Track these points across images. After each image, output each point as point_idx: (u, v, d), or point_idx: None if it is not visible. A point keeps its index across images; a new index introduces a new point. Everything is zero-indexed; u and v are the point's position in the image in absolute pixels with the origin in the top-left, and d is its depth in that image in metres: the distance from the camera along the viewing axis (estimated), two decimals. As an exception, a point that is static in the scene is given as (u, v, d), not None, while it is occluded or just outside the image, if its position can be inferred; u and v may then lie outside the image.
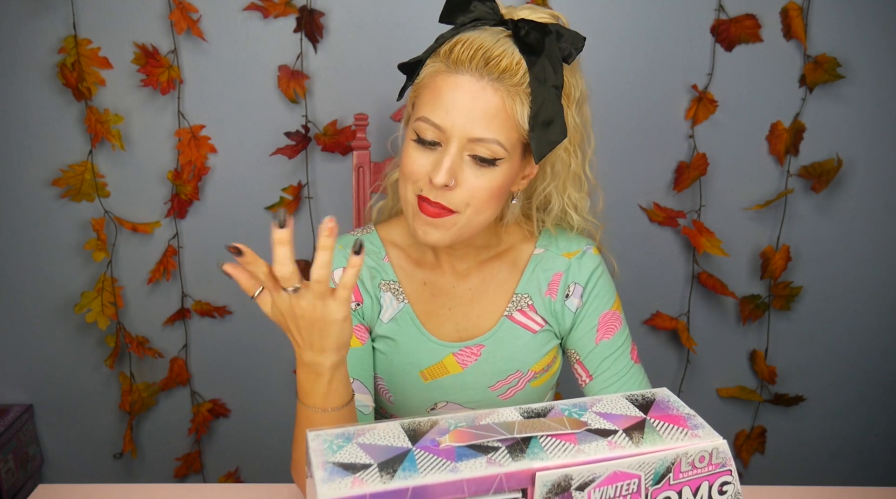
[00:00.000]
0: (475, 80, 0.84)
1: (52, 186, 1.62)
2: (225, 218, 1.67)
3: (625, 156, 1.67)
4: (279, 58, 1.58)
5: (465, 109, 0.84)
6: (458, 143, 0.85)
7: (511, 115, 0.85)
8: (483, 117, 0.84)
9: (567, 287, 1.01)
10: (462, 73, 0.85)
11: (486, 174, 0.87)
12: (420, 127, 0.87)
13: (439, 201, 0.87)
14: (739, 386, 1.83)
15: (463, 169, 0.87)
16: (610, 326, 1.00)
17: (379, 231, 1.04)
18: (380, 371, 1.01)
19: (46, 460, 1.83)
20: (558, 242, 1.03)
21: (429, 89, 0.87)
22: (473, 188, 0.87)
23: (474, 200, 0.88)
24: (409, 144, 0.89)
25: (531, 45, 0.84)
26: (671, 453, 0.56)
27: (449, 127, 0.85)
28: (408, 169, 0.89)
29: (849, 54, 1.61)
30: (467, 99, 0.84)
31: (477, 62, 0.84)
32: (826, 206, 1.72)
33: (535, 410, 0.61)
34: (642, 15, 1.59)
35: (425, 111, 0.87)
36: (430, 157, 0.87)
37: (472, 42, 0.85)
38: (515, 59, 0.84)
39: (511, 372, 1.01)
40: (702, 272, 1.73)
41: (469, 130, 0.85)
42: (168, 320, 1.72)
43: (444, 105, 0.85)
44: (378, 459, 0.54)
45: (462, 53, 0.85)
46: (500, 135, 0.85)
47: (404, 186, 0.91)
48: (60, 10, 1.53)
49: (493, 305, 1.01)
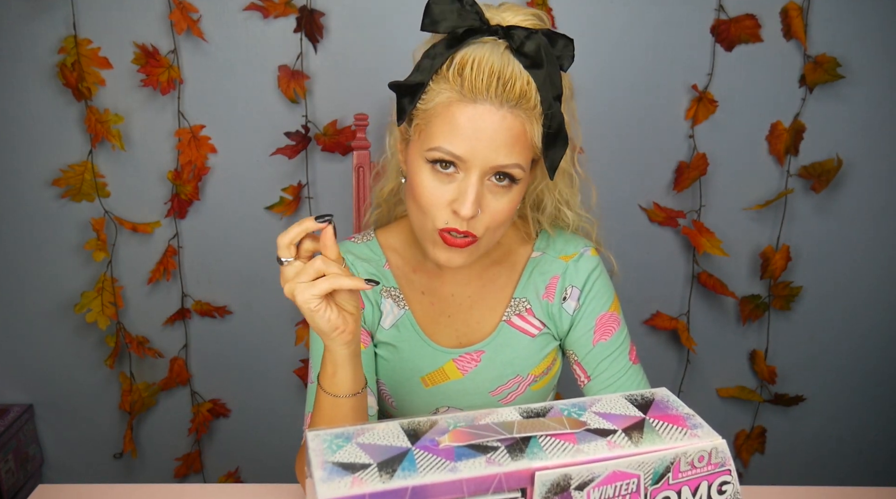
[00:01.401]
0: (495, 110, 0.82)
1: (52, 186, 1.62)
2: (225, 218, 1.67)
3: (625, 156, 1.67)
4: (279, 58, 1.58)
5: (488, 139, 0.82)
6: (480, 172, 0.83)
7: (529, 138, 0.84)
8: (505, 145, 0.82)
9: (564, 290, 1.01)
10: (480, 103, 0.82)
11: (505, 196, 0.86)
12: (437, 154, 0.84)
13: (468, 232, 0.86)
14: (739, 386, 1.83)
15: (484, 195, 0.85)
16: (607, 327, 1.00)
17: (378, 237, 1.04)
18: (382, 377, 1.01)
19: (46, 460, 1.83)
20: (555, 245, 1.03)
21: (442, 118, 0.83)
22: (495, 212, 0.86)
23: (494, 223, 0.87)
24: (422, 168, 0.86)
25: (531, 57, 0.82)
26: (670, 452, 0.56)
27: (472, 157, 0.83)
28: (425, 200, 0.86)
29: (848, 54, 1.61)
30: (490, 129, 0.82)
31: (494, 89, 0.81)
32: (826, 206, 1.72)
33: (534, 410, 0.61)
34: (642, 15, 1.59)
35: (442, 141, 0.83)
36: (448, 184, 0.85)
37: (481, 64, 0.81)
38: (526, 80, 0.82)
39: (511, 377, 1.01)
40: (702, 272, 1.73)
41: (493, 158, 0.83)
42: (168, 320, 1.72)
43: (465, 135, 0.82)
44: (377, 458, 0.54)
45: (476, 80, 0.81)
46: (520, 159, 0.84)
47: (421, 216, 0.88)
48: (60, 10, 1.53)
49: (491, 310, 1.01)
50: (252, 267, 1.69)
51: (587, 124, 1.63)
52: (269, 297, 1.72)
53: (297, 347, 1.74)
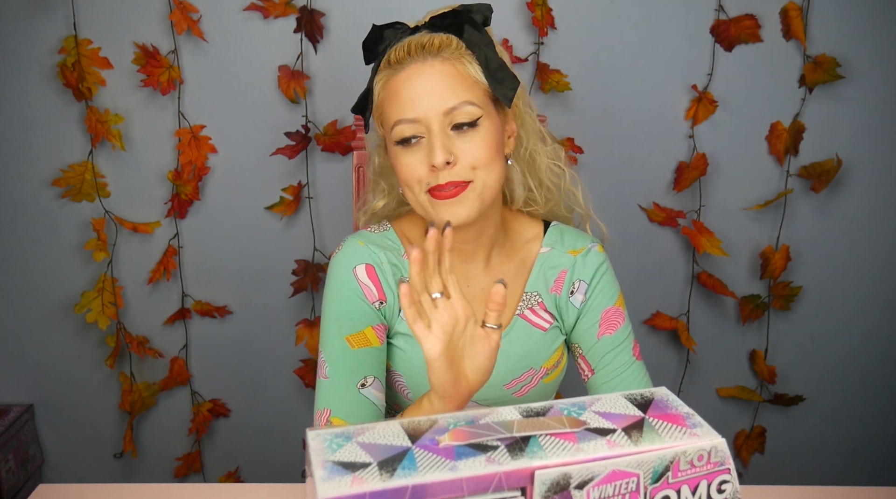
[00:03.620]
0: (421, 63, 0.90)
1: (52, 186, 1.62)
2: (225, 218, 1.67)
3: (625, 156, 1.67)
4: (279, 58, 1.58)
5: (427, 90, 0.89)
6: (436, 122, 0.89)
7: (467, 75, 0.90)
8: (445, 88, 0.89)
9: (572, 284, 1.02)
10: (407, 66, 0.90)
11: (475, 136, 0.90)
12: (398, 131, 0.91)
13: (450, 180, 0.90)
14: (739, 386, 1.83)
15: (454, 143, 0.90)
16: (612, 321, 1.01)
17: (395, 228, 1.05)
18: (399, 368, 1.02)
19: (46, 460, 1.83)
20: (564, 240, 1.05)
21: (387, 99, 0.92)
22: (472, 152, 0.90)
23: (479, 162, 0.90)
24: (396, 154, 0.93)
25: (447, 27, 0.92)
26: (670, 451, 0.56)
27: (423, 113, 0.89)
28: (406, 174, 0.92)
29: (849, 54, 1.61)
30: (424, 81, 0.89)
31: (415, 50, 0.90)
32: (826, 206, 1.72)
33: (534, 409, 0.61)
34: (642, 15, 1.59)
35: (395, 115, 0.91)
36: (419, 152, 0.91)
37: (401, 43, 0.92)
38: (445, 37, 0.91)
39: (525, 370, 1.02)
40: (702, 272, 1.73)
41: (439, 104, 0.89)
42: (168, 320, 1.72)
43: (409, 98, 0.89)
44: (377, 457, 0.54)
45: (399, 52, 0.91)
46: (467, 95, 0.89)
47: (411, 192, 0.93)
48: (60, 10, 1.53)
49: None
50: (252, 267, 1.69)
51: (587, 124, 1.65)
52: (269, 297, 1.72)
53: (298, 348, 1.74)
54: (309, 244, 1.68)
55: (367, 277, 0.98)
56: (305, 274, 1.68)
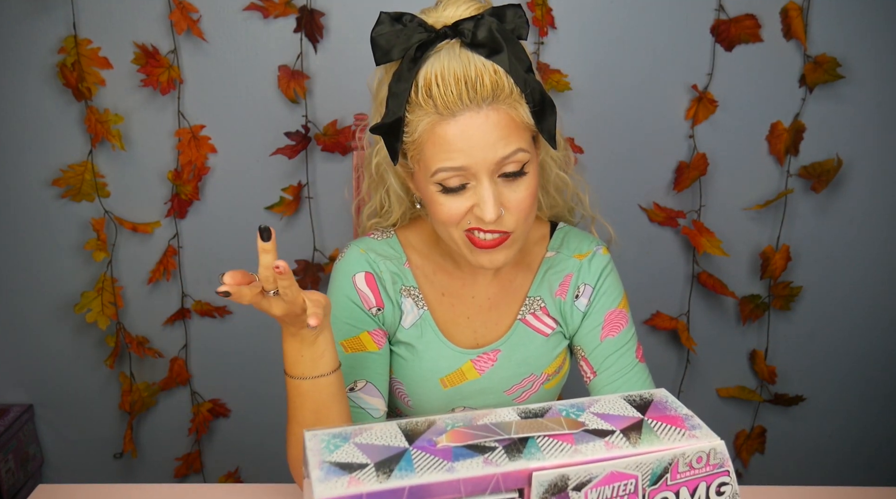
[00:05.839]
0: (476, 113, 0.82)
1: (52, 186, 1.63)
2: (225, 218, 1.67)
3: (625, 156, 1.67)
4: (279, 58, 1.58)
5: (481, 143, 0.82)
6: (486, 173, 0.84)
7: (519, 121, 0.84)
8: (499, 138, 0.83)
9: (577, 288, 1.02)
10: (460, 114, 0.82)
11: (521, 185, 0.86)
12: (442, 177, 0.85)
13: (497, 230, 0.87)
14: (739, 386, 1.83)
15: (502, 193, 0.86)
16: (616, 323, 1.01)
17: (399, 235, 1.04)
18: (399, 376, 1.02)
19: (46, 460, 1.83)
20: (569, 244, 1.04)
21: (432, 143, 0.84)
22: (519, 202, 0.87)
23: (523, 212, 0.87)
24: (433, 194, 0.87)
25: (487, 45, 0.82)
26: (668, 453, 0.56)
27: (473, 164, 0.83)
28: (446, 216, 0.87)
29: (849, 54, 1.60)
30: (478, 133, 0.82)
31: (467, 95, 0.81)
32: (826, 206, 1.71)
33: (532, 410, 0.61)
34: (642, 15, 1.59)
35: (440, 162, 0.84)
36: (461, 197, 0.86)
37: (445, 76, 0.81)
38: (492, 70, 0.82)
39: (525, 375, 1.02)
40: (702, 272, 1.73)
41: (491, 156, 0.83)
42: (168, 320, 1.72)
43: (459, 148, 0.83)
44: (375, 458, 0.54)
45: (447, 94, 0.81)
46: (519, 143, 0.84)
47: (445, 229, 0.89)
48: (60, 10, 1.53)
49: (507, 309, 1.02)
50: (252, 267, 1.69)
51: (587, 124, 1.65)
52: (268, 297, 1.71)
53: (297, 347, 1.74)
54: (309, 244, 1.68)
55: (366, 285, 0.98)
56: (305, 274, 1.68)
